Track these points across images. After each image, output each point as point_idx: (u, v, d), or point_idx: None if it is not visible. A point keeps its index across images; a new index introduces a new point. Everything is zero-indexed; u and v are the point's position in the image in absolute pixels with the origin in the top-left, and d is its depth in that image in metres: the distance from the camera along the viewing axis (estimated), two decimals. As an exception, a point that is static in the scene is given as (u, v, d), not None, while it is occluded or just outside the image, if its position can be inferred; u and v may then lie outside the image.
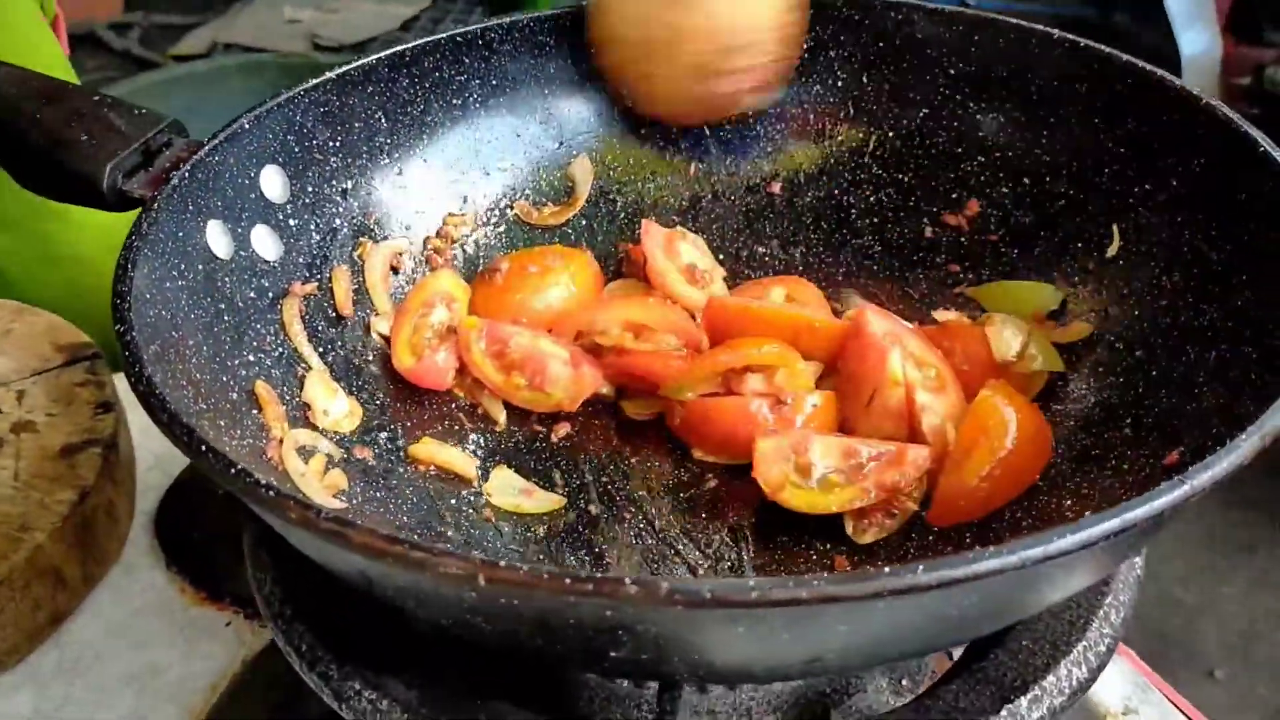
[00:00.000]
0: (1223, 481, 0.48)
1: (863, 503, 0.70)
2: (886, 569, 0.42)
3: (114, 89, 3.39)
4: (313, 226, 0.79)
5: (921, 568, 0.42)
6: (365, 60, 0.82)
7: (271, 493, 0.47)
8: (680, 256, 0.86)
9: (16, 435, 0.92)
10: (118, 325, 0.56)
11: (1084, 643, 0.61)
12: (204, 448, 0.49)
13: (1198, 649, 2.13)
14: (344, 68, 0.81)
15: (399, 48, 0.84)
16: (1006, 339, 0.75)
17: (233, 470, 0.48)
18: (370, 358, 0.80)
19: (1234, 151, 0.69)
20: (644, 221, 0.88)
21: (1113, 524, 0.44)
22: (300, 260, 0.78)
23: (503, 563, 0.43)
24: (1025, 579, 0.45)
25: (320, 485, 0.66)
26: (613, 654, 0.48)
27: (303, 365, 0.75)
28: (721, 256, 0.90)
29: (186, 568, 0.91)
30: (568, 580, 0.42)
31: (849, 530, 0.70)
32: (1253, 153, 0.67)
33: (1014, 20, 0.82)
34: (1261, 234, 0.66)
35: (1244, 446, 0.49)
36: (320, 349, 0.77)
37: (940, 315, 0.82)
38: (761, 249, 0.91)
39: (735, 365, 0.76)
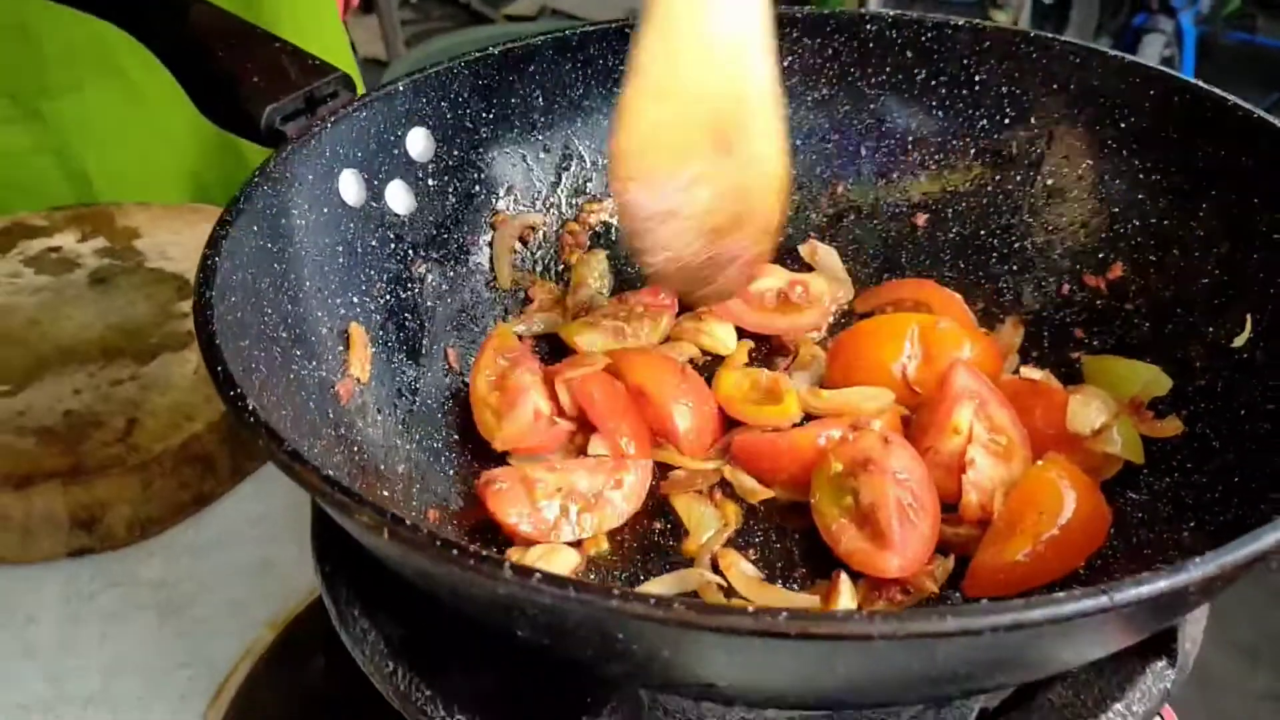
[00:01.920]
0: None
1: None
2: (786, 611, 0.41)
3: (442, 41, 3.65)
4: (450, 189, 0.85)
5: (783, 615, 0.41)
6: (531, 40, 0.86)
7: (251, 418, 0.52)
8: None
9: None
10: (207, 248, 0.63)
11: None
12: (219, 368, 0.55)
13: None
14: (508, 45, 0.86)
15: (566, 32, 0.87)
16: (1089, 414, 0.71)
17: (232, 393, 0.53)
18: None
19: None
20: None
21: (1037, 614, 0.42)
22: (430, 219, 0.83)
23: (409, 521, 0.46)
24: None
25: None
26: (519, 633, 0.50)
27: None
28: (850, 279, 0.89)
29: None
30: (454, 551, 0.45)
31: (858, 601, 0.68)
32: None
33: (1190, 80, 0.76)
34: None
35: (1232, 556, 0.45)
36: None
37: (1028, 372, 0.77)
38: (892, 278, 0.89)
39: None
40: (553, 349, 0.87)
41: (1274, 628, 2.49)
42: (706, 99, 0.70)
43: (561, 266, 0.89)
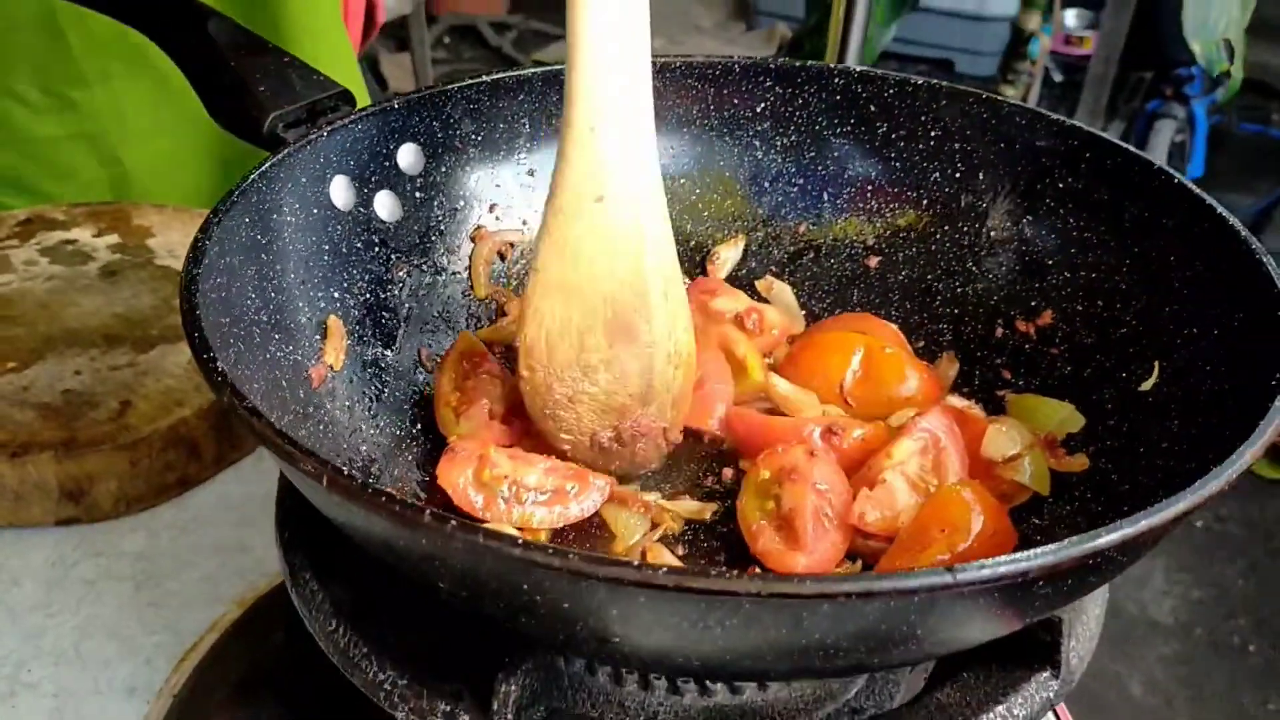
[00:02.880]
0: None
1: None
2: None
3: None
4: (435, 202, 0.91)
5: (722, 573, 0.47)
6: (523, 72, 0.93)
7: (220, 378, 0.57)
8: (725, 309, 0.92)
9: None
10: (199, 232, 0.69)
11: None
12: (196, 335, 0.61)
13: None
14: (500, 75, 0.92)
15: (556, 67, 0.94)
16: (1002, 443, 0.76)
17: (205, 355, 0.59)
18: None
19: (1273, 317, 0.67)
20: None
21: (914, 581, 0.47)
22: (415, 227, 0.90)
23: (347, 471, 0.52)
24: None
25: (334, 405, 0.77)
26: (442, 585, 0.55)
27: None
28: (803, 313, 0.95)
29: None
30: (383, 498, 0.50)
31: None
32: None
33: (1122, 144, 0.83)
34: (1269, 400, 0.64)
35: (1073, 550, 0.50)
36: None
37: (953, 400, 0.83)
38: (843, 313, 0.95)
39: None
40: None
41: (1250, 714, 2.51)
42: (608, 294, 0.74)
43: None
